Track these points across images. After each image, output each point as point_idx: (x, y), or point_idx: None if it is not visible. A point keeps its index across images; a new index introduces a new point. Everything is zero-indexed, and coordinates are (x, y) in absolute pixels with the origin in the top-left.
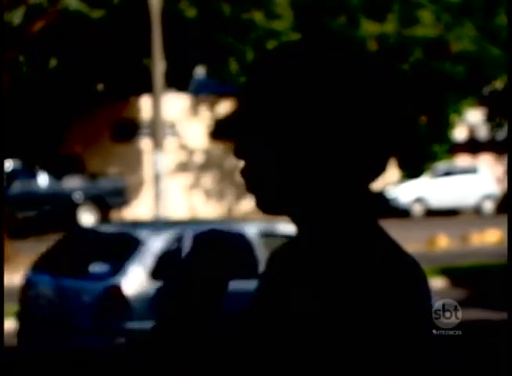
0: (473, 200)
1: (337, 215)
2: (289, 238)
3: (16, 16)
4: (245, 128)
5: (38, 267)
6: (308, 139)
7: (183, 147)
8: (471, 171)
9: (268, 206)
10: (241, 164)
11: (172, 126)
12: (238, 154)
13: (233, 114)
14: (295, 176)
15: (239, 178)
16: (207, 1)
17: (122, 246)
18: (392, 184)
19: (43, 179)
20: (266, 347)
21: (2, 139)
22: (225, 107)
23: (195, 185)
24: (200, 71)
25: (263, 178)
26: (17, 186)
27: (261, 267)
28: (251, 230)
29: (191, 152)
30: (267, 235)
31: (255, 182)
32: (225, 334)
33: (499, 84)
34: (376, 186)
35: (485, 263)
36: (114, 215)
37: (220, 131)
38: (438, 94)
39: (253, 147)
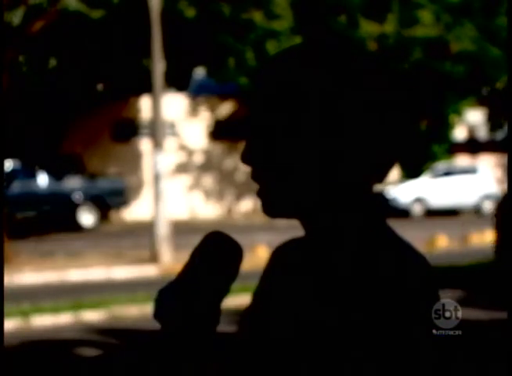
0: (473, 200)
1: (339, 214)
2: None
3: (16, 16)
4: (252, 133)
5: None
6: (316, 142)
7: (183, 147)
8: (471, 171)
9: (273, 211)
10: (245, 167)
11: (172, 126)
12: (245, 160)
13: (235, 120)
14: (303, 179)
15: (239, 179)
16: (206, 2)
17: None
18: (392, 184)
19: (43, 179)
20: (266, 346)
21: (2, 139)
22: (224, 108)
23: (195, 185)
24: (199, 71)
25: (270, 183)
26: (17, 186)
27: None
28: None
29: (191, 152)
30: None
31: (262, 187)
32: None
33: (499, 85)
34: (376, 186)
35: (485, 262)
36: (114, 215)
37: (220, 131)
38: (438, 94)
39: (259, 153)
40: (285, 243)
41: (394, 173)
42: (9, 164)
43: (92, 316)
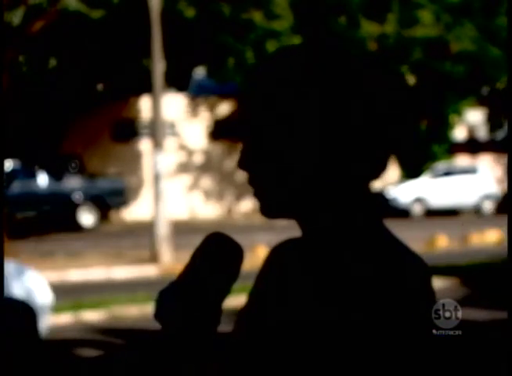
0: (473, 200)
1: (338, 214)
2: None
3: (16, 16)
4: (247, 139)
5: None
6: (315, 142)
7: (183, 147)
8: (471, 171)
9: (271, 212)
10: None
11: (172, 126)
12: (242, 165)
13: (235, 120)
14: (300, 179)
15: (238, 179)
16: (206, 2)
17: None
18: (392, 184)
19: (43, 179)
20: (264, 346)
21: (2, 139)
22: (224, 108)
23: (195, 185)
24: (199, 71)
25: (268, 185)
26: (17, 186)
27: None
28: None
29: (191, 152)
30: None
31: (259, 190)
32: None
33: (499, 85)
34: (376, 186)
35: (485, 262)
36: (114, 215)
37: (220, 131)
38: (438, 94)
39: (256, 158)
40: (281, 243)
41: (394, 173)
42: (8, 164)
43: (92, 316)
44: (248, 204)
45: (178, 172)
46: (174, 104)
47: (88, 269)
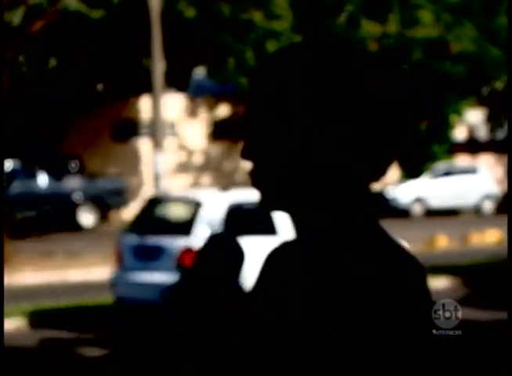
0: (473, 200)
1: (338, 214)
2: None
3: (16, 16)
4: (251, 131)
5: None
6: (312, 139)
7: (182, 148)
8: (471, 171)
9: (270, 205)
10: (246, 165)
11: (172, 126)
12: (244, 155)
13: (240, 116)
14: (298, 176)
15: (238, 179)
16: (206, 2)
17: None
18: (392, 184)
19: (43, 179)
20: (265, 347)
21: (2, 139)
22: (224, 108)
23: (194, 185)
24: (199, 72)
25: (267, 179)
26: (17, 186)
27: None
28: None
29: (190, 152)
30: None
31: (260, 182)
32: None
33: (498, 84)
34: (376, 186)
35: (485, 262)
36: (114, 215)
37: (219, 131)
38: (438, 94)
39: (258, 149)
40: (280, 245)
41: (394, 173)
42: (8, 164)
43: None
44: None
45: (177, 172)
46: (174, 104)
47: (88, 269)
